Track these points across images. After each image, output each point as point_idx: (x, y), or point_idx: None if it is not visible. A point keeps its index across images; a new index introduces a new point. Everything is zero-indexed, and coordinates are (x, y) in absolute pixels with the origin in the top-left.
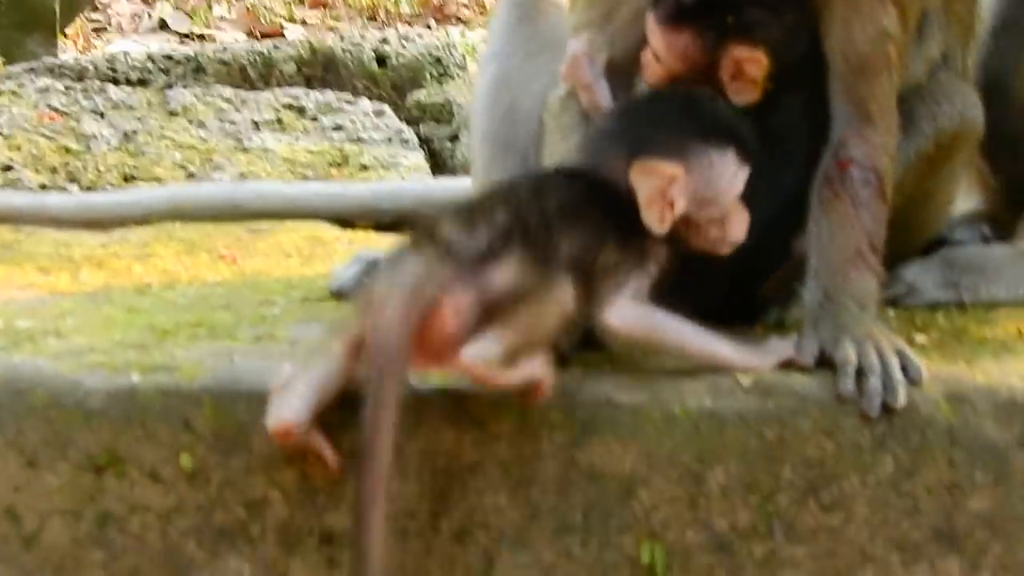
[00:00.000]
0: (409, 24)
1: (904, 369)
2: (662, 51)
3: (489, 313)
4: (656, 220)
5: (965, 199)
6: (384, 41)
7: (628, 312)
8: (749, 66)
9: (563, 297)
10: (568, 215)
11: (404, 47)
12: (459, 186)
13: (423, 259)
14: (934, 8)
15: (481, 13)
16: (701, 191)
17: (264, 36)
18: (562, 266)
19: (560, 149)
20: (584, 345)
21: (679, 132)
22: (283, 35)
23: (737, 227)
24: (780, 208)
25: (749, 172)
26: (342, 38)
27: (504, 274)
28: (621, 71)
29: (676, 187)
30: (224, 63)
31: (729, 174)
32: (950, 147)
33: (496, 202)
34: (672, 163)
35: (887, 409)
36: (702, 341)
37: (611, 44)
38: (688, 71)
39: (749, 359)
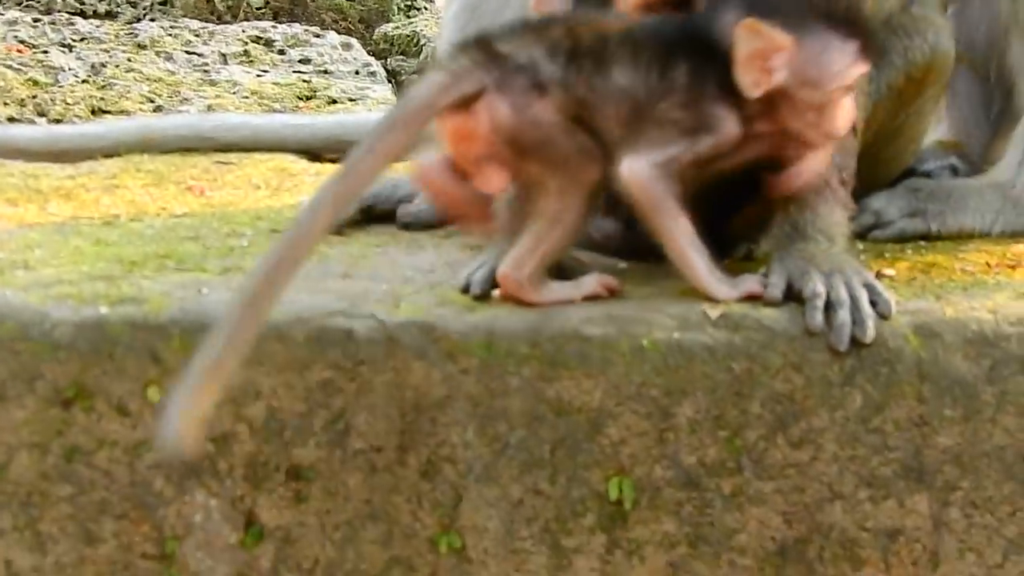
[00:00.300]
0: None
1: (873, 303)
2: None
3: (520, 155)
4: (750, 82)
5: (935, 130)
6: None
7: (646, 171)
8: None
9: (591, 179)
10: (647, 61)
11: None
12: None
13: (472, 58)
14: None
15: None
16: (806, 70)
17: None
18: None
19: None
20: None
21: (804, 10)
22: None
23: (837, 121)
24: None
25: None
26: None
27: (541, 106)
28: (590, 1)
29: (780, 57)
30: None
31: (842, 64)
32: (921, 80)
33: (569, 29)
34: (784, 34)
35: (856, 343)
36: (686, 244)
37: None
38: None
39: (716, 286)
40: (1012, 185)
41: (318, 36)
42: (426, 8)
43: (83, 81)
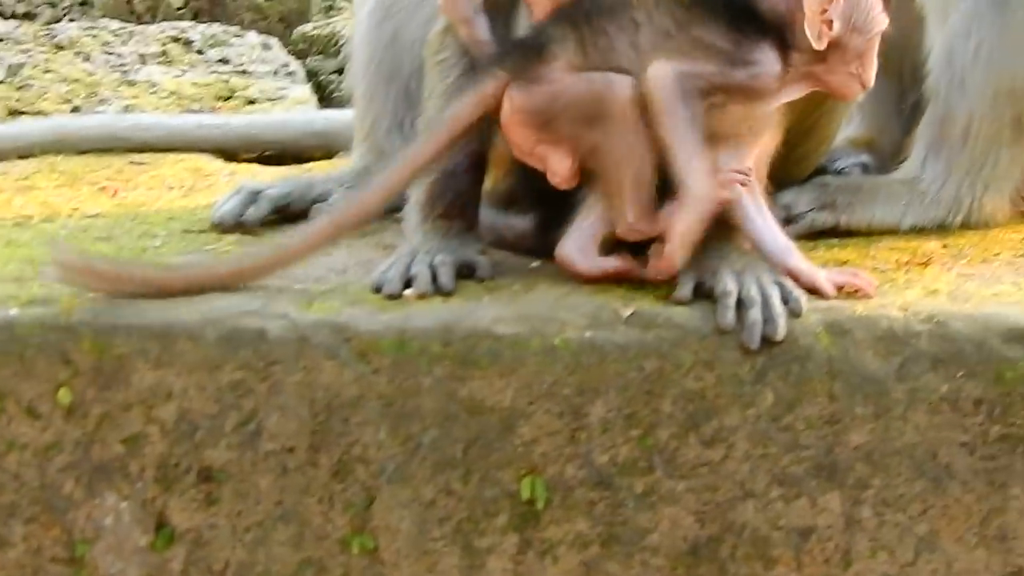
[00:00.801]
0: None
1: (784, 301)
2: None
3: (568, 125)
4: (816, 35)
5: (846, 127)
6: None
7: (670, 75)
8: None
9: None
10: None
11: None
12: (343, 118)
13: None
14: None
15: None
16: (856, 16)
17: None
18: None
19: (440, 88)
20: (463, 277)
21: None
22: None
23: (870, 70)
24: None
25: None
26: None
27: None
28: (500, 4)
29: (837, 7)
30: None
31: (879, 7)
32: None
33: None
34: None
35: (767, 341)
36: (690, 152)
37: None
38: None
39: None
40: (919, 179)
41: (237, 36)
42: (346, 8)
43: (1, 82)
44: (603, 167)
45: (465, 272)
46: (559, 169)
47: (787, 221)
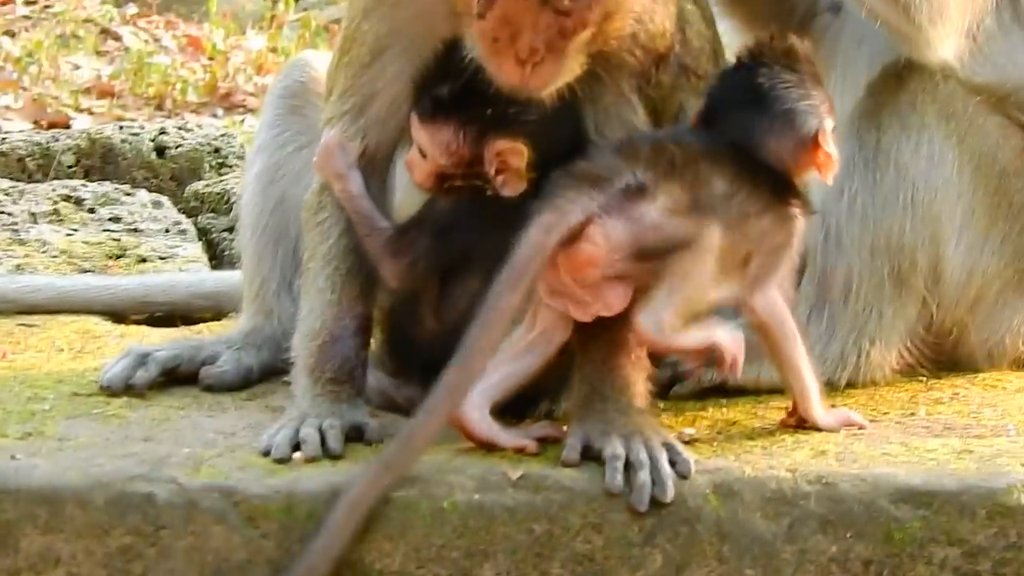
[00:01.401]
0: (196, 112)
1: (673, 463)
2: (427, 147)
3: (639, 261)
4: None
5: None
6: (163, 132)
7: (771, 300)
8: (511, 158)
9: (713, 243)
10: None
11: (183, 137)
12: (232, 279)
13: (574, 188)
14: (689, 106)
15: None
16: None
17: (51, 126)
18: (715, 213)
19: (322, 250)
20: (352, 440)
21: None
22: (69, 125)
23: None
24: None
25: None
26: (121, 128)
27: (656, 211)
28: (376, 161)
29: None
30: (3, 154)
31: None
32: None
33: (655, 146)
34: None
35: (656, 503)
36: (807, 368)
37: (365, 134)
38: (455, 167)
39: (824, 416)
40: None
41: (128, 194)
42: (237, 166)
43: None
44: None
45: (354, 435)
46: (616, 304)
47: (674, 380)
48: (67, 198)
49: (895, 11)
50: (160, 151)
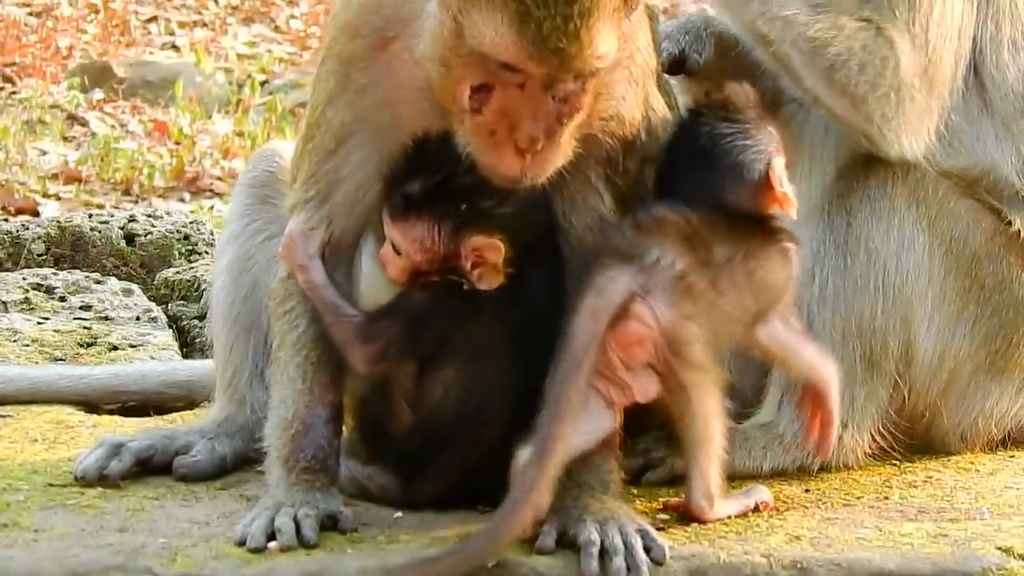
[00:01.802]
0: (163, 197)
1: (648, 549)
2: (401, 244)
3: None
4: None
5: None
6: (132, 219)
7: (773, 329)
8: (488, 253)
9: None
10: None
11: (153, 225)
12: (204, 368)
13: (615, 270)
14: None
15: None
16: None
17: (18, 212)
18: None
19: (291, 338)
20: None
21: None
22: (37, 211)
23: None
24: (531, 389)
25: None
26: (90, 216)
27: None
28: (341, 249)
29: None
30: None
31: None
32: None
33: (662, 220)
34: None
35: None
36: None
37: (330, 222)
38: (430, 263)
39: None
40: (776, 423)
41: (99, 282)
42: (207, 253)
43: None
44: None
45: (328, 524)
46: (651, 392)
47: (646, 466)
48: (38, 286)
49: (856, 115)
50: (130, 239)
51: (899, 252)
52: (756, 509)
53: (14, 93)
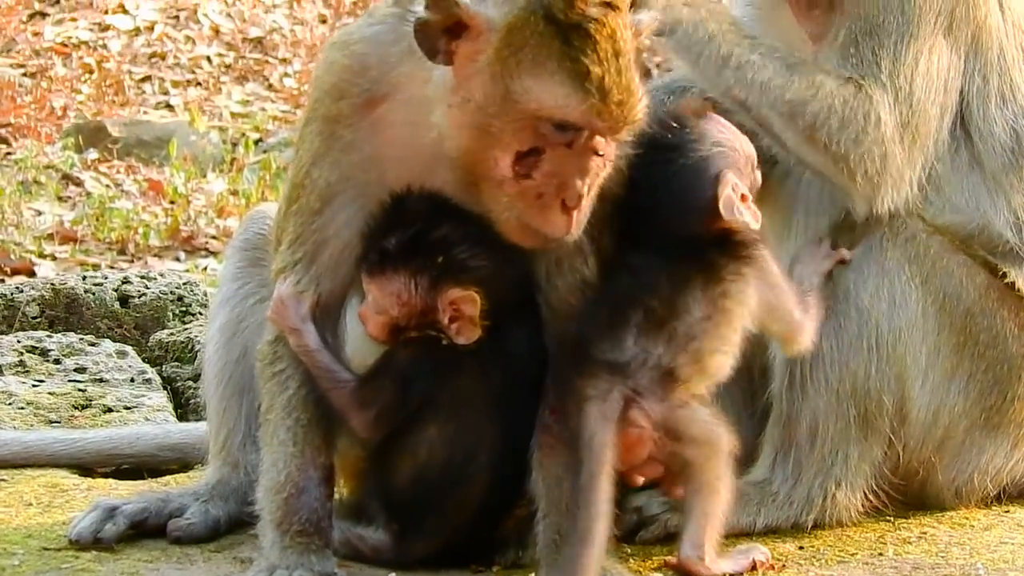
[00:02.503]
0: (159, 256)
1: None
2: (378, 300)
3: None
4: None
5: None
6: (126, 280)
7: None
8: (465, 306)
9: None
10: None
11: (147, 287)
12: (197, 431)
13: (607, 378)
14: None
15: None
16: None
17: (14, 272)
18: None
19: (281, 400)
20: None
21: None
22: (33, 272)
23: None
24: (515, 444)
25: None
26: (84, 278)
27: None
28: (329, 310)
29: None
30: None
31: None
32: None
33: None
34: None
35: None
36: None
37: (318, 283)
38: (408, 318)
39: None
40: (770, 480)
41: (93, 344)
42: (201, 314)
43: None
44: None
45: None
46: (653, 475)
47: (640, 524)
48: (32, 349)
49: (838, 172)
50: (124, 300)
51: (892, 310)
52: (754, 568)
53: (9, 154)
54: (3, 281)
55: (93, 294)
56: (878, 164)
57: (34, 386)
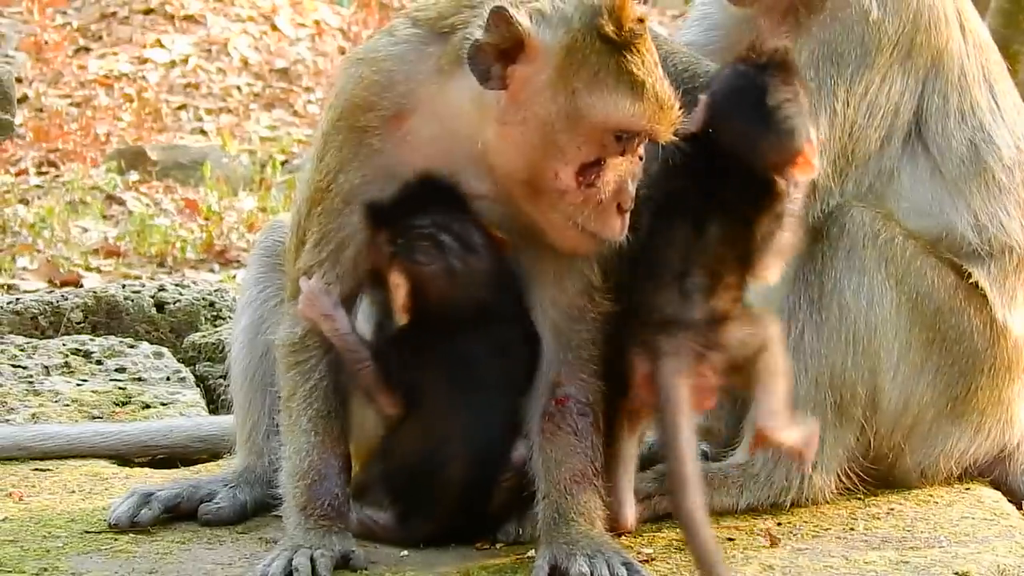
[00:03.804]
0: (195, 268)
1: None
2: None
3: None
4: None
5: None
6: (162, 288)
7: None
8: (396, 288)
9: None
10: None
11: (181, 294)
12: (226, 424)
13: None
14: None
15: None
16: None
17: (63, 284)
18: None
19: (302, 391)
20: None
21: None
22: (80, 284)
23: None
24: (499, 422)
25: None
26: (124, 287)
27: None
28: (347, 304)
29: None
30: (17, 313)
31: None
32: None
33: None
34: None
35: None
36: None
37: (341, 280)
38: (370, 263)
39: None
40: (752, 463)
41: (132, 347)
42: (230, 318)
43: None
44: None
45: (341, 563)
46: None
47: None
48: (76, 351)
49: None
50: (160, 306)
51: (869, 308)
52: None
53: (57, 177)
54: (51, 291)
55: (132, 301)
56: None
57: (78, 385)
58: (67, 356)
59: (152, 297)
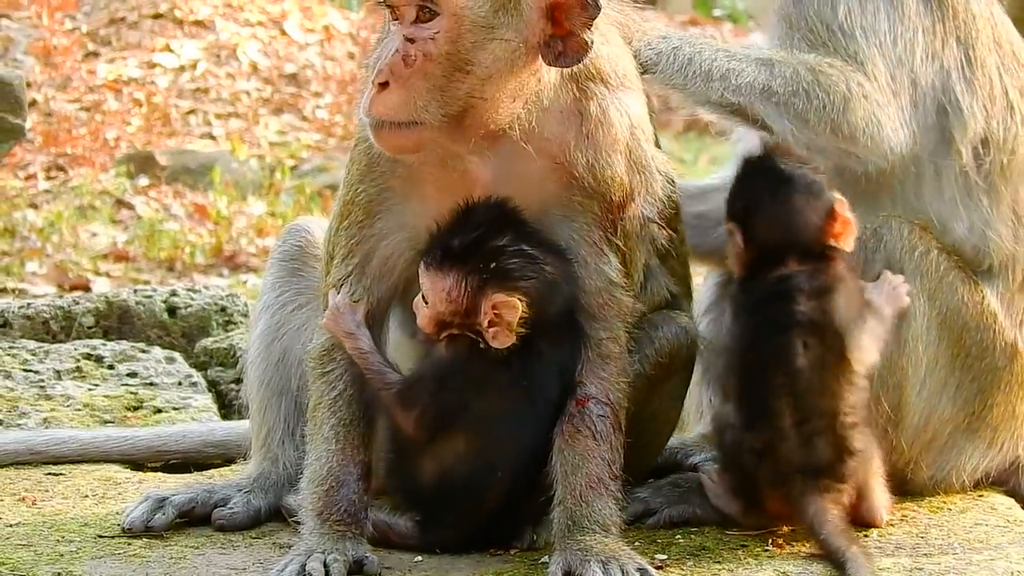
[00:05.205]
0: (204, 273)
1: None
2: (428, 294)
3: None
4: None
5: (699, 424)
6: (174, 293)
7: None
8: (506, 311)
9: None
10: None
11: (192, 298)
12: (239, 429)
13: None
14: (655, 264)
15: None
16: None
17: (73, 288)
18: None
19: (327, 400)
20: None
21: None
22: (89, 288)
23: None
24: (532, 445)
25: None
26: (136, 291)
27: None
28: (376, 317)
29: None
30: (28, 317)
31: None
32: (668, 365)
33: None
34: None
35: None
36: None
37: (369, 293)
38: (453, 315)
39: None
40: None
41: (144, 351)
42: (242, 323)
43: None
44: None
45: (355, 568)
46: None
47: (645, 513)
48: (88, 356)
49: (838, 140)
50: (172, 311)
51: (902, 322)
52: None
53: (67, 181)
54: (62, 296)
55: (144, 306)
56: (870, 117)
57: (90, 390)
58: (79, 361)
59: (164, 302)
